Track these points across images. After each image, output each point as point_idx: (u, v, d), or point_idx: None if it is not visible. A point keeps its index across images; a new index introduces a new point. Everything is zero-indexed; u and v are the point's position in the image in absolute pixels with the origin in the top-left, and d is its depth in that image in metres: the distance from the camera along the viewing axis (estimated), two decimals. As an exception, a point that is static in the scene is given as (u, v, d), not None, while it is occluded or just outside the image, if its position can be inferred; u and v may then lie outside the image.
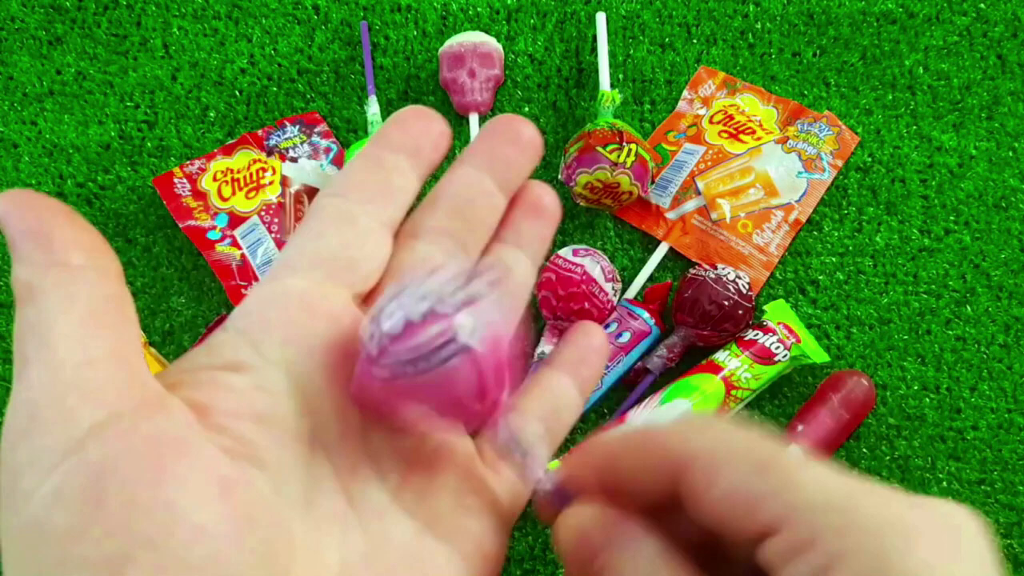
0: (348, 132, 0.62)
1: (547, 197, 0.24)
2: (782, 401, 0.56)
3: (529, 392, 0.24)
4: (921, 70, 0.63)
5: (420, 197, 0.23)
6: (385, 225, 0.22)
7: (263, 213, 0.58)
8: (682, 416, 0.19)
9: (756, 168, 0.59)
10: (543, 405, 0.23)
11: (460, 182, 0.23)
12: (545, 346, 0.55)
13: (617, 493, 0.19)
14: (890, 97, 0.63)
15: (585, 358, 0.24)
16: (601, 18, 0.62)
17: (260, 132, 0.61)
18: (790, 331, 0.53)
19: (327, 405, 0.19)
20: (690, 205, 0.59)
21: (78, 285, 0.17)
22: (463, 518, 0.21)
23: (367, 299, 0.21)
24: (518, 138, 0.23)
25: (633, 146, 0.55)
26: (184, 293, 0.58)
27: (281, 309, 0.20)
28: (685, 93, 0.63)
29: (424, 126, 0.22)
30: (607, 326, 0.55)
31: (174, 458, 0.16)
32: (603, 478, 0.19)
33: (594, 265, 0.54)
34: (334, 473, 0.19)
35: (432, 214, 0.22)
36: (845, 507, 0.16)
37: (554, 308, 0.54)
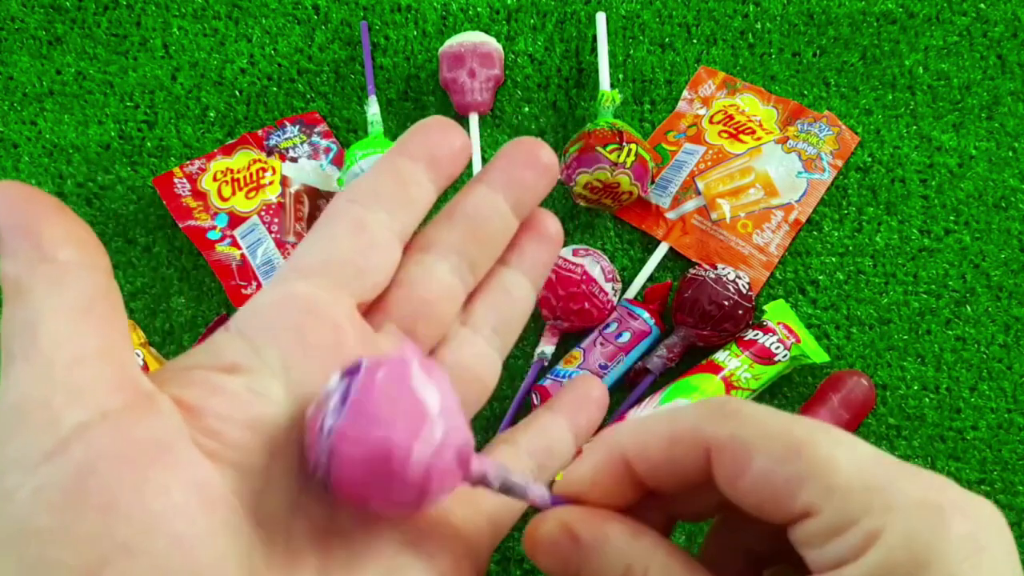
0: (348, 132, 0.62)
1: (553, 226, 0.24)
2: (782, 401, 0.56)
3: (525, 429, 0.24)
4: (921, 70, 0.63)
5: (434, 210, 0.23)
6: (397, 235, 0.22)
7: (263, 213, 0.58)
8: (710, 399, 0.19)
9: (756, 168, 0.59)
10: (537, 442, 0.24)
11: (475, 200, 0.23)
12: (545, 346, 0.55)
13: (643, 481, 0.19)
14: (890, 97, 0.63)
15: (584, 407, 0.25)
16: (601, 18, 0.62)
17: (260, 132, 0.61)
18: (790, 331, 0.53)
19: None
20: (690, 205, 0.59)
21: (67, 281, 0.17)
22: (445, 537, 0.21)
23: (371, 308, 0.22)
24: (536, 162, 0.23)
25: (633, 146, 0.55)
26: (184, 293, 0.58)
27: (284, 314, 0.20)
28: (685, 93, 0.63)
29: (446, 138, 0.22)
30: (607, 326, 0.55)
31: (158, 463, 0.16)
32: (630, 466, 0.19)
33: (594, 265, 0.54)
34: None
35: (445, 229, 0.23)
36: (881, 487, 0.16)
37: (554, 308, 0.54)
